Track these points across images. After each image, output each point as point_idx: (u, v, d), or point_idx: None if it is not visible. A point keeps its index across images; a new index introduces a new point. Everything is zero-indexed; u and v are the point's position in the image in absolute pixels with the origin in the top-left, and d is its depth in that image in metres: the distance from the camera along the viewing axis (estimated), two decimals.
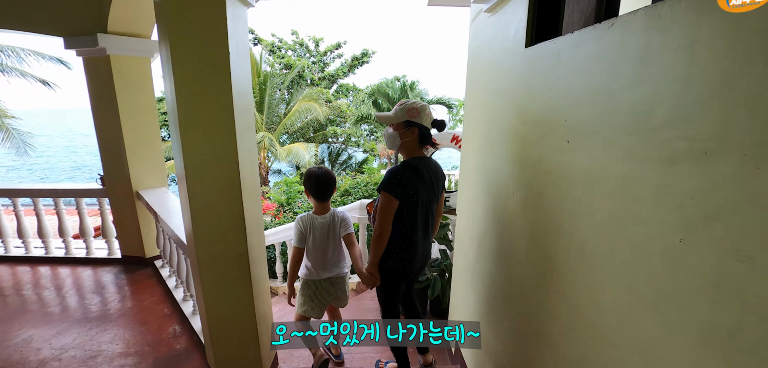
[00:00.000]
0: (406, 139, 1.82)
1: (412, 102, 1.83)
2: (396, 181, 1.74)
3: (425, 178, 1.83)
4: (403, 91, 14.38)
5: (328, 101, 21.07)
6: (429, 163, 1.89)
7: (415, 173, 1.79)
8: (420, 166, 1.82)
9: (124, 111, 3.33)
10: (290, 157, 17.21)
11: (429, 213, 1.91)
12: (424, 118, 1.80)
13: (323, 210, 2.19)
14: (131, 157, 3.44)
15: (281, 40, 23.12)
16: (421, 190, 1.80)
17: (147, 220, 3.62)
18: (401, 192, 1.75)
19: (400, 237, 1.84)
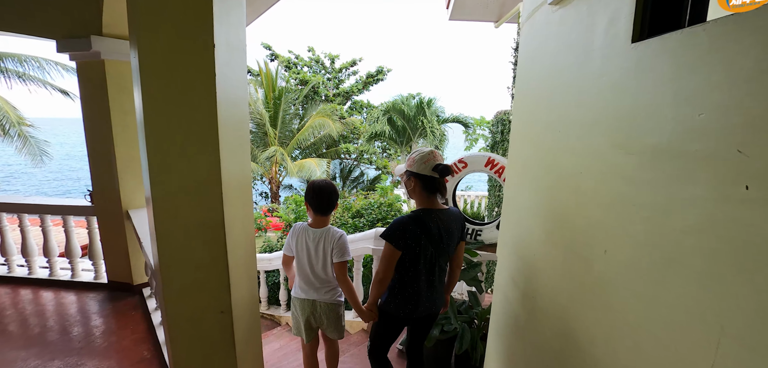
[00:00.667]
0: (410, 188, 1.82)
1: (415, 151, 1.80)
2: (398, 231, 1.72)
3: (432, 232, 1.75)
4: (420, 108, 14.02)
5: (342, 117, 20.92)
6: (440, 216, 1.79)
7: (419, 226, 1.73)
8: (426, 219, 1.75)
9: (117, 121, 3.00)
10: (302, 173, 16.95)
11: (435, 266, 1.84)
12: (422, 166, 1.74)
13: (320, 225, 2.08)
14: (123, 172, 3.09)
15: (298, 57, 23.25)
16: (425, 244, 1.75)
17: (136, 244, 3.24)
18: (403, 243, 1.72)
19: (403, 285, 1.82)
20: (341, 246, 2.03)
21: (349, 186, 22.81)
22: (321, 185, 2.06)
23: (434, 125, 13.29)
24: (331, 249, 2.03)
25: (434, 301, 1.91)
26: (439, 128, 13.76)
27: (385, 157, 22.96)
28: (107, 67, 2.90)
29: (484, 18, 6.66)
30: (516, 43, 5.73)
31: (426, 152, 1.77)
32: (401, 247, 1.73)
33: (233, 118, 1.42)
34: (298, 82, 21.74)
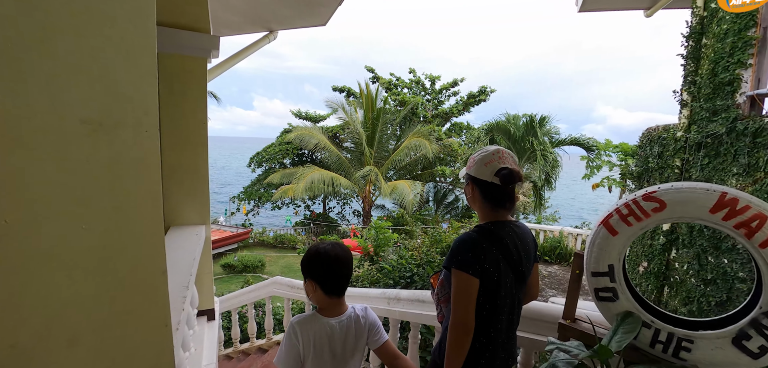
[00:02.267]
0: (469, 195, 1.45)
1: (477, 151, 1.43)
2: (471, 252, 1.27)
3: (510, 250, 1.33)
4: (530, 128, 12.13)
5: (439, 139, 19.99)
6: (514, 230, 1.39)
7: (494, 242, 1.31)
8: (500, 233, 1.33)
9: (166, 123, 2.57)
10: (394, 195, 16.46)
11: (515, 300, 1.40)
12: (482, 168, 1.36)
13: (338, 310, 1.45)
14: (169, 182, 2.64)
15: (398, 79, 23.35)
16: (504, 268, 1.31)
17: None
18: (479, 268, 1.26)
19: (475, 332, 1.29)
20: (377, 325, 1.51)
21: (442, 211, 21.55)
22: (333, 251, 1.40)
23: (547, 148, 11.27)
24: (365, 337, 1.46)
25: (512, 352, 1.48)
26: (553, 152, 11.66)
27: None
28: (160, 60, 2.50)
29: (628, 5, 5.05)
30: (689, 31, 4.02)
31: (489, 151, 1.40)
32: (478, 273, 1.27)
33: None
34: (397, 103, 21.69)
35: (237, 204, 21.41)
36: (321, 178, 16.55)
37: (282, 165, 21.33)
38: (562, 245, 9.75)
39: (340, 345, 1.42)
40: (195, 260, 2.08)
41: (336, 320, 1.43)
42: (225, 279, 13.96)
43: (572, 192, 56.81)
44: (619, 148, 12.72)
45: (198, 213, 2.77)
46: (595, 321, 1.63)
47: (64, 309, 0.59)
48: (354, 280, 5.35)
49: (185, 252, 2.16)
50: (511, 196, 1.40)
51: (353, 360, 1.48)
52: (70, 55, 0.61)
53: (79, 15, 0.63)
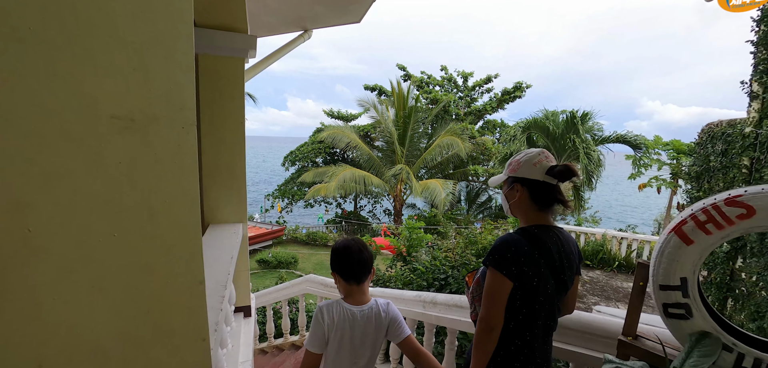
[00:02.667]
0: (514, 201, 1.38)
1: (520, 152, 1.39)
2: (510, 253, 1.24)
3: (553, 256, 1.28)
4: (571, 124, 11.41)
5: (472, 137, 19.53)
6: (558, 236, 1.34)
7: (537, 246, 1.27)
8: (544, 238, 1.29)
9: (206, 123, 2.62)
10: (425, 194, 16.27)
11: (554, 307, 1.34)
12: (531, 169, 1.31)
13: (360, 299, 1.55)
14: (207, 181, 2.69)
15: (430, 77, 23.07)
16: (545, 273, 1.26)
17: None
18: (516, 270, 1.23)
19: (510, 334, 1.30)
20: (399, 321, 1.57)
21: (474, 211, 21.06)
22: (354, 244, 1.57)
23: (590, 146, 10.58)
24: (384, 329, 1.54)
25: (547, 357, 1.41)
26: (596, 150, 10.94)
27: None
28: (199, 61, 2.55)
29: None
30: (761, 13, 3.60)
31: (534, 152, 1.36)
32: (513, 276, 1.24)
33: None
34: (428, 101, 21.44)
35: (271, 202, 22.07)
36: (352, 177, 16.66)
37: (315, 164, 21.73)
38: (605, 249, 9.19)
39: (360, 332, 1.52)
40: (233, 258, 2.09)
41: (358, 308, 1.54)
42: (260, 275, 14.41)
43: (614, 193, 53.69)
44: (670, 145, 11.79)
45: (236, 211, 2.81)
46: (664, 339, 1.45)
47: (93, 325, 0.55)
48: (387, 280, 5.29)
49: (223, 250, 2.18)
50: (562, 197, 1.37)
51: (372, 351, 1.56)
52: (105, 53, 0.58)
53: (113, 11, 0.60)
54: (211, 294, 1.56)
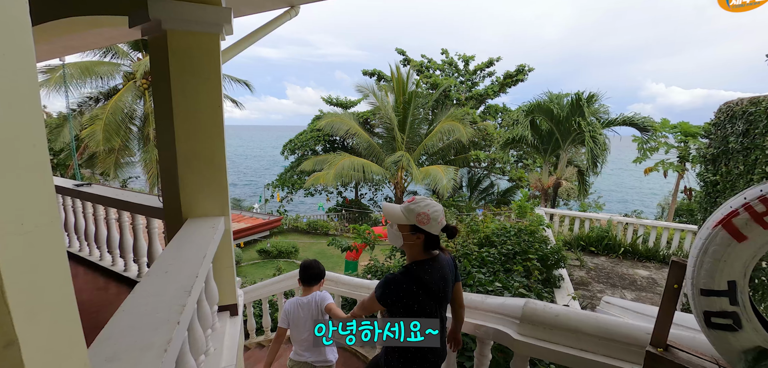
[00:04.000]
0: (410, 242, 1.73)
1: (425, 205, 1.69)
2: (390, 291, 1.68)
3: (431, 288, 1.69)
4: (576, 107, 10.97)
5: (474, 122, 19.17)
6: (434, 265, 1.73)
7: (417, 283, 1.66)
8: (423, 275, 1.67)
9: (180, 109, 2.38)
10: (427, 180, 16.01)
11: (438, 315, 1.76)
12: (434, 226, 1.67)
13: (307, 293, 2.62)
14: (185, 172, 2.46)
15: (430, 60, 22.60)
16: (424, 301, 1.68)
17: None
18: (391, 300, 1.68)
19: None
20: (325, 298, 2.60)
21: (476, 197, 20.81)
22: (310, 263, 2.69)
23: (596, 129, 10.24)
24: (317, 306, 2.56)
25: (443, 344, 1.86)
26: (602, 134, 10.59)
27: (521, 168, 20.08)
28: (169, 39, 2.29)
29: None
30: None
31: (438, 211, 1.69)
32: (387, 305, 1.71)
33: None
34: (429, 86, 21.02)
35: (271, 192, 21.88)
36: (351, 165, 16.41)
37: (314, 152, 21.45)
38: (610, 235, 8.95)
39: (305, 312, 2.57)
40: (206, 256, 1.87)
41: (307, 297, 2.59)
42: (260, 265, 14.31)
43: (616, 178, 53.25)
44: (677, 127, 11.44)
45: (216, 204, 2.58)
46: (700, 352, 1.23)
47: None
48: (386, 271, 5.10)
49: (195, 248, 1.96)
50: (439, 240, 1.77)
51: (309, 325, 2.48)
52: None
53: None
54: (167, 303, 1.34)
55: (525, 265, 4.20)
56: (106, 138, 12.46)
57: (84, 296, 3.18)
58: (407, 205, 1.71)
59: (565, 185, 11.77)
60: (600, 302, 4.27)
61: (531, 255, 4.30)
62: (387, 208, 1.78)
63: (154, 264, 1.74)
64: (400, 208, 1.73)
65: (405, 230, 1.72)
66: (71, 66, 12.06)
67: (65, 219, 3.87)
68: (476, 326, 1.97)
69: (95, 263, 3.70)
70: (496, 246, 4.57)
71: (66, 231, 3.87)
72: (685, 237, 8.47)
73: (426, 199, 1.73)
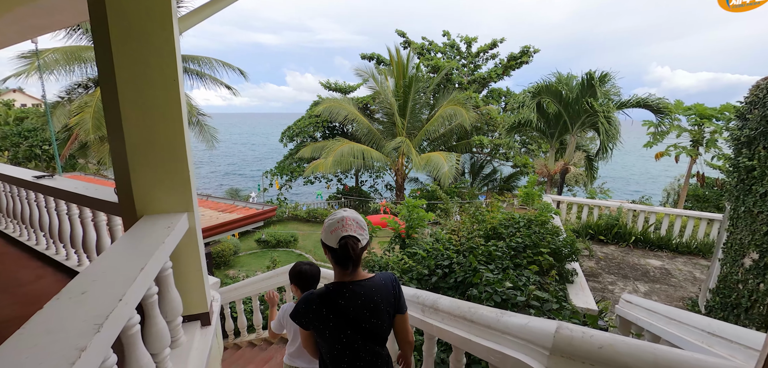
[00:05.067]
0: (327, 258, 1.56)
1: (330, 215, 1.53)
2: (302, 310, 1.53)
3: (342, 311, 1.47)
4: (587, 87, 10.26)
5: (477, 106, 18.61)
6: (356, 289, 1.49)
7: (325, 304, 1.48)
8: (335, 296, 1.48)
9: (126, 87, 1.95)
10: (428, 167, 15.57)
11: (360, 351, 1.52)
12: (327, 236, 1.48)
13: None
14: (136, 161, 2.05)
15: (431, 43, 21.91)
16: (338, 324, 1.48)
17: None
18: (306, 322, 1.54)
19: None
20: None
21: (478, 183, 20.38)
22: (309, 269, 2.35)
23: (609, 110, 9.65)
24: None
25: None
26: (615, 117, 10.00)
27: (525, 153, 19.57)
28: (108, 5, 1.85)
29: None
30: None
31: (335, 219, 1.49)
32: (306, 327, 1.56)
33: None
34: (430, 69, 20.39)
35: (270, 180, 21.50)
36: (351, 152, 15.96)
37: (313, 139, 20.98)
38: (620, 223, 8.55)
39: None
40: (144, 269, 1.47)
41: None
42: (259, 254, 14.03)
43: (620, 163, 52.47)
44: (692, 110, 10.88)
45: (177, 199, 2.18)
46: None
47: None
48: (383, 266, 4.73)
49: (136, 255, 1.56)
50: (354, 259, 1.46)
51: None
52: None
53: None
54: (61, 349, 0.94)
55: (536, 260, 3.80)
56: (96, 126, 12.04)
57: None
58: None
59: (573, 171, 11.28)
60: (619, 300, 3.89)
61: (543, 249, 3.90)
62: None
63: (74, 281, 1.34)
64: None
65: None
66: (56, 51, 11.56)
67: (21, 210, 3.52)
68: (488, 351, 1.58)
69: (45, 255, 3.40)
70: (504, 238, 4.17)
71: (22, 223, 3.54)
72: (699, 225, 8.07)
73: (339, 211, 1.54)
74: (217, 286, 3.12)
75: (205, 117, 15.78)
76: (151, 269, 1.53)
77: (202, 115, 15.55)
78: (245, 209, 7.96)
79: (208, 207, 7.87)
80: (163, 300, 2.04)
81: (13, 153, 18.10)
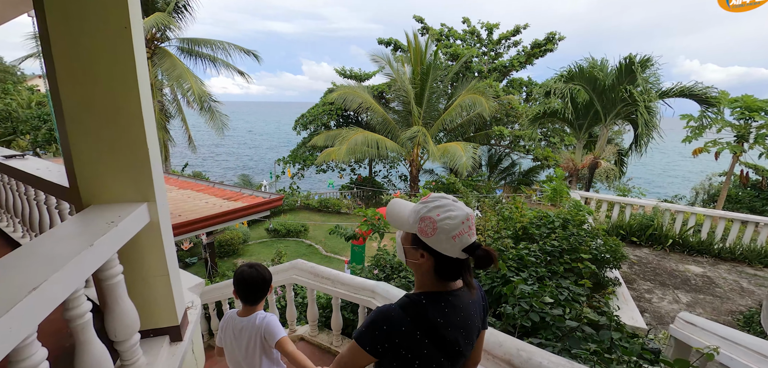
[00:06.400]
0: (413, 261, 1.11)
1: (435, 206, 1.04)
2: (381, 334, 1.05)
3: (445, 338, 1.06)
4: (625, 72, 9.18)
5: (497, 96, 17.75)
6: (456, 302, 1.09)
7: (420, 324, 1.05)
8: (434, 311, 1.06)
9: (58, 34, 1.48)
10: (445, 158, 14.93)
11: None
12: (444, 242, 1.01)
13: (246, 313, 1.92)
14: (75, 135, 1.58)
15: (450, 29, 21.06)
16: (430, 353, 1.06)
17: None
18: (382, 350, 1.06)
19: None
20: (271, 329, 1.84)
21: (496, 177, 19.60)
22: (249, 274, 1.87)
23: (651, 98, 8.69)
24: (262, 336, 1.85)
25: None
26: (656, 107, 9.02)
27: (547, 147, 18.63)
28: None
29: None
30: None
31: (458, 218, 1.00)
32: (378, 354, 1.07)
33: None
34: (448, 56, 19.59)
35: (282, 168, 21.24)
36: (365, 141, 15.44)
37: (326, 127, 20.55)
38: (656, 224, 7.79)
39: (235, 339, 1.93)
40: (38, 288, 0.99)
41: (241, 319, 1.92)
42: (268, 243, 13.78)
43: (647, 158, 50.08)
44: (738, 101, 9.85)
45: (133, 186, 1.70)
46: None
47: None
48: (396, 269, 4.23)
49: (36, 265, 1.08)
50: (470, 269, 1.08)
51: (247, 356, 1.90)
52: None
53: None
54: None
55: (575, 267, 3.23)
56: None
57: None
58: (416, 204, 1.10)
59: (603, 166, 10.42)
60: (675, 320, 3.28)
61: (583, 255, 3.31)
62: (394, 207, 1.15)
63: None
64: (409, 208, 1.12)
65: (407, 242, 1.13)
66: None
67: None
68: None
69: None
70: (537, 240, 3.59)
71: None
72: (745, 230, 7.27)
73: (444, 198, 1.08)
74: (199, 288, 2.67)
75: (217, 103, 15.50)
76: (53, 290, 1.05)
77: (215, 101, 15.28)
78: (251, 198, 7.57)
79: (213, 195, 7.56)
80: (110, 315, 1.58)
81: (33, 136, 18.33)
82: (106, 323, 1.60)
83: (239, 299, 1.92)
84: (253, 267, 1.91)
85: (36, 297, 0.97)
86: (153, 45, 13.94)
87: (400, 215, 1.12)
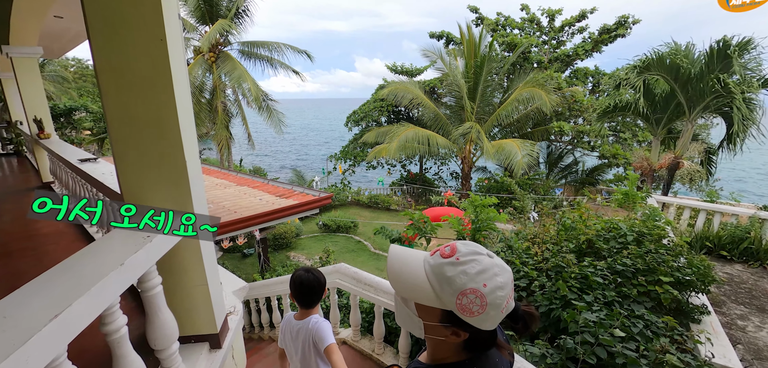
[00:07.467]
0: (438, 336, 0.84)
1: (477, 272, 0.77)
2: None
3: None
4: (718, 58, 7.75)
5: (559, 88, 16.45)
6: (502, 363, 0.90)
7: None
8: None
9: (100, 41, 1.50)
10: (499, 155, 14.18)
11: None
12: (493, 318, 0.78)
13: (302, 316, 1.97)
14: (120, 145, 1.62)
15: (507, 18, 19.94)
16: None
17: None
18: None
19: None
20: (321, 333, 1.85)
21: (555, 175, 18.23)
22: (305, 278, 1.91)
23: (751, 88, 7.27)
24: (312, 340, 1.86)
25: None
26: (758, 98, 7.55)
27: (616, 143, 16.88)
28: None
29: None
30: None
31: (507, 282, 0.77)
32: None
33: None
34: (504, 47, 18.56)
35: (334, 164, 21.74)
36: (415, 137, 15.21)
37: (377, 123, 20.62)
38: (753, 236, 6.62)
39: (293, 340, 1.96)
40: (84, 300, 0.98)
41: (297, 322, 1.96)
42: (319, 238, 14.18)
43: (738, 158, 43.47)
44: None
45: (171, 192, 1.71)
46: None
47: None
48: None
49: (65, 287, 1.07)
50: (495, 335, 0.86)
51: (302, 358, 1.93)
52: None
53: None
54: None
55: (652, 291, 2.77)
56: None
57: None
58: (439, 263, 0.79)
59: (686, 166, 9.07)
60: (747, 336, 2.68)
61: (663, 277, 2.83)
62: (400, 266, 0.82)
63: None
64: (423, 263, 0.82)
65: (431, 317, 0.83)
66: None
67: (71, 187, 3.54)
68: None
69: None
70: (605, 256, 3.15)
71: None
72: None
73: (478, 254, 0.79)
74: (243, 292, 2.71)
75: (274, 102, 16.24)
76: (78, 312, 1.03)
77: (271, 100, 16.03)
78: (302, 195, 7.76)
79: (267, 192, 7.87)
80: (150, 326, 1.60)
81: (98, 128, 20.12)
82: (146, 332, 1.62)
83: (296, 301, 1.96)
84: (309, 271, 1.95)
85: (58, 325, 0.95)
86: (217, 49, 14.96)
87: (416, 283, 0.82)
